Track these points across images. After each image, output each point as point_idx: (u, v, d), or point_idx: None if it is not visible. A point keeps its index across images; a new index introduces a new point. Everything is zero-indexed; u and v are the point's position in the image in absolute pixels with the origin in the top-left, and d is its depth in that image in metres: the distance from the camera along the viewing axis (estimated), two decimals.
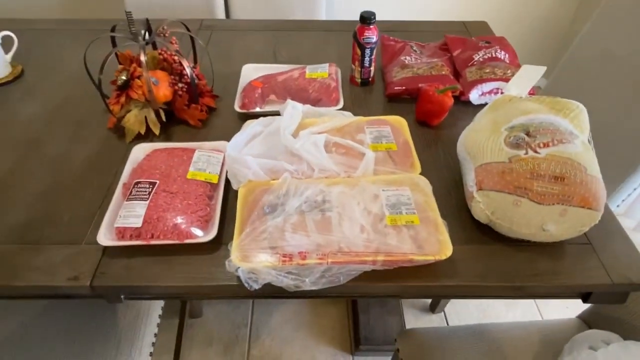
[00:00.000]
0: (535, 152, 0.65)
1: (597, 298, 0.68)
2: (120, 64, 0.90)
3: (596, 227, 0.65)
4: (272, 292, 0.63)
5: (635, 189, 0.99)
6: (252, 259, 0.61)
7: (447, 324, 1.42)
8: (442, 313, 1.44)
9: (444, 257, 0.61)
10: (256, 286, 0.60)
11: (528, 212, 0.63)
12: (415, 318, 1.42)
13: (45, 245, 0.68)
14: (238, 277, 0.62)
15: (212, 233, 0.67)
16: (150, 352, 0.92)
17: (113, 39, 0.90)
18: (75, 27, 1.25)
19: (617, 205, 1.04)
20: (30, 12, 1.92)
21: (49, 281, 0.63)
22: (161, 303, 1.00)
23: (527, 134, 0.68)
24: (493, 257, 0.67)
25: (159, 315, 0.98)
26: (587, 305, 0.90)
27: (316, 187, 0.70)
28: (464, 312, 1.45)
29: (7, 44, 1.07)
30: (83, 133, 0.89)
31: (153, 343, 0.94)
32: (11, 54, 1.06)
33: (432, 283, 0.64)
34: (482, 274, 0.64)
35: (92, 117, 0.92)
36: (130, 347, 0.88)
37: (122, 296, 0.67)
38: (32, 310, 0.90)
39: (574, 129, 0.69)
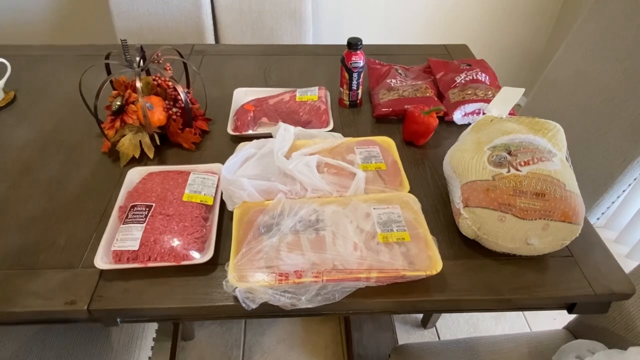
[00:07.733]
0: (517, 170, 0.69)
1: (581, 308, 0.71)
2: (114, 89, 0.92)
3: (577, 240, 0.69)
4: (268, 311, 0.64)
5: (613, 202, 1.03)
6: (249, 278, 0.63)
7: (439, 339, 1.43)
8: (434, 328, 1.46)
9: (434, 273, 0.64)
10: (253, 306, 0.62)
11: (512, 227, 0.66)
12: (407, 334, 1.43)
13: (41, 270, 0.68)
14: (234, 297, 0.63)
15: (209, 254, 0.68)
16: None
17: (107, 65, 0.92)
18: (67, 52, 1.27)
19: (597, 218, 1.08)
20: (21, 38, 1.94)
21: (45, 306, 0.63)
22: (155, 326, 1.00)
23: (509, 153, 0.71)
24: (481, 271, 0.69)
25: (153, 338, 0.97)
26: (573, 316, 0.93)
27: (310, 206, 0.72)
28: (454, 327, 1.46)
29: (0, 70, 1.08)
30: (77, 157, 0.90)
31: None
32: (4, 80, 1.07)
33: (424, 298, 0.66)
34: (471, 287, 0.67)
35: (86, 142, 0.94)
36: None
37: (118, 319, 0.68)
38: (23, 335, 0.89)
39: (552, 147, 0.73)
